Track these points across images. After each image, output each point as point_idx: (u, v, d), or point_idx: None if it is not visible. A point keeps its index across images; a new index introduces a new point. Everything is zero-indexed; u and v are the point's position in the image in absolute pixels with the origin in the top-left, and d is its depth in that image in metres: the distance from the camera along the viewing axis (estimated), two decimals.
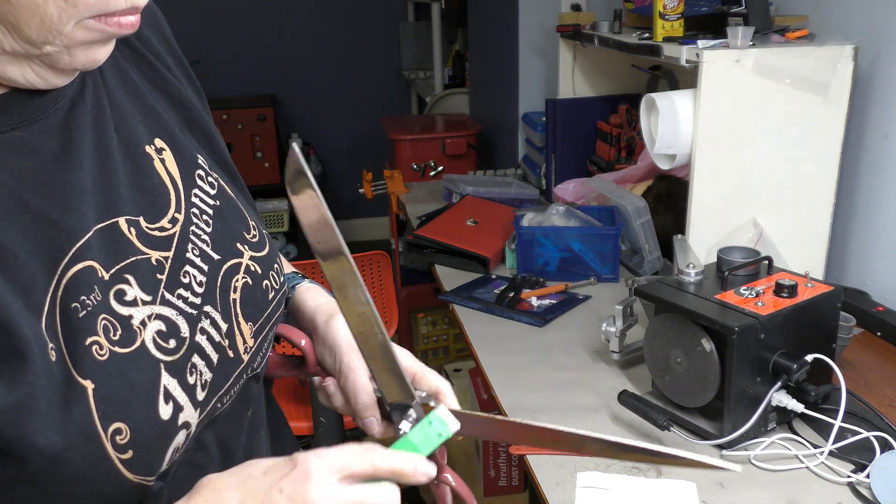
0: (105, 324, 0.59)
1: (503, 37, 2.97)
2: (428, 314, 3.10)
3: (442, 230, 2.07)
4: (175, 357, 0.63)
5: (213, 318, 0.68)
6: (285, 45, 4.54)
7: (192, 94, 0.78)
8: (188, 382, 0.63)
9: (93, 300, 0.58)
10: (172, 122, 0.73)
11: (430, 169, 3.27)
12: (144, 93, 0.71)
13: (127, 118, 0.67)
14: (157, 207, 0.67)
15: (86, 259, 0.59)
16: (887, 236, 1.56)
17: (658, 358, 1.22)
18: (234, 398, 0.72)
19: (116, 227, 0.63)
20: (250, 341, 0.72)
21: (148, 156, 0.68)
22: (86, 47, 0.58)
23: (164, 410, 0.61)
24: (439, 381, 0.73)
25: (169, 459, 0.62)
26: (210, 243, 0.70)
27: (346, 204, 4.86)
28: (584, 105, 2.36)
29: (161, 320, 0.63)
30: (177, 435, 0.62)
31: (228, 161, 0.80)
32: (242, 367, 0.71)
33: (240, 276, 0.72)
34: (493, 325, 1.65)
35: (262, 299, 0.74)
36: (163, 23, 0.78)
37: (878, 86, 1.54)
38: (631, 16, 1.98)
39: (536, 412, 1.29)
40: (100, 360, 0.57)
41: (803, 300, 1.15)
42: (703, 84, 1.44)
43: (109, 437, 0.57)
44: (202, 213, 0.71)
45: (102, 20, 0.56)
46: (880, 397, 1.27)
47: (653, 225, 1.82)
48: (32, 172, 0.58)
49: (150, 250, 0.64)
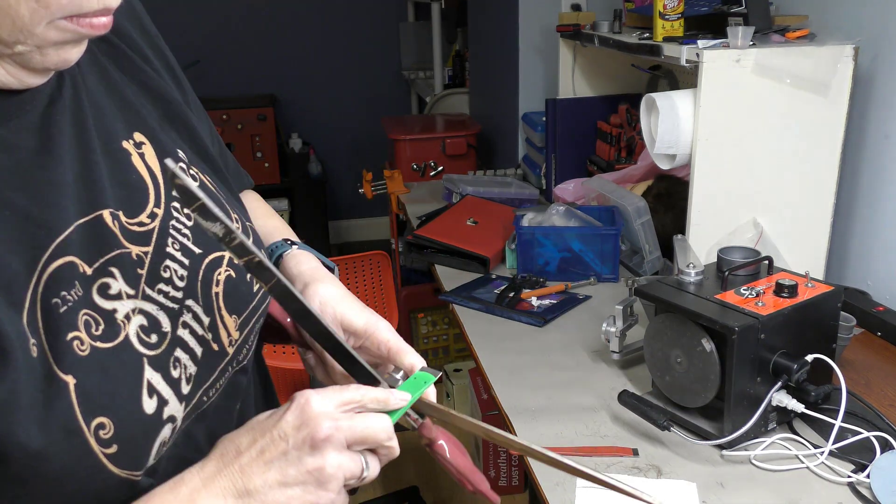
0: (87, 319, 0.59)
1: (503, 37, 2.97)
2: (428, 314, 3.10)
3: (442, 230, 2.07)
4: (157, 351, 0.63)
5: (195, 311, 0.68)
6: (285, 45, 4.54)
7: (172, 88, 0.78)
8: (172, 376, 0.64)
9: (73, 295, 0.59)
10: (152, 116, 0.73)
11: (430, 169, 3.27)
12: (122, 87, 0.71)
13: (104, 113, 0.67)
14: (135, 202, 0.67)
15: (66, 255, 0.59)
16: (887, 236, 1.56)
17: (658, 358, 1.22)
18: (222, 391, 0.72)
19: (101, 219, 0.63)
20: (235, 334, 0.72)
21: (125, 151, 0.68)
22: (58, 47, 0.58)
23: (148, 404, 0.61)
24: (414, 358, 0.75)
25: (156, 454, 0.62)
26: (191, 237, 0.70)
27: (346, 204, 4.86)
28: (584, 105, 2.36)
29: (143, 315, 0.63)
30: (162, 429, 0.62)
31: (211, 154, 0.80)
32: (228, 360, 0.72)
33: (222, 269, 0.72)
34: (493, 325, 1.65)
35: (246, 292, 0.74)
36: (142, 16, 0.77)
37: (879, 86, 1.54)
38: (631, 16, 1.98)
39: (536, 412, 1.29)
40: (81, 355, 0.58)
41: (803, 300, 1.15)
42: (703, 84, 1.44)
43: (93, 432, 0.57)
44: (183, 206, 0.71)
45: (75, 21, 0.56)
46: (880, 397, 1.27)
47: (653, 225, 1.82)
48: (11, 170, 0.58)
49: (130, 245, 0.65)
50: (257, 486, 0.60)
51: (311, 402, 0.61)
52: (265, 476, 0.60)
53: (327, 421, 0.61)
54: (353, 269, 2.26)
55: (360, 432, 0.62)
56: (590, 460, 1.14)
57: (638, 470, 1.12)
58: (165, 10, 4.23)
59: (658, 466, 1.13)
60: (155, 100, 0.74)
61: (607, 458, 1.15)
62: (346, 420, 0.62)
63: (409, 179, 3.12)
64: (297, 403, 0.62)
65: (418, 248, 2.07)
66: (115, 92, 0.70)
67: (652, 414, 1.16)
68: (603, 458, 1.15)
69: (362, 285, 2.27)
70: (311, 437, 0.60)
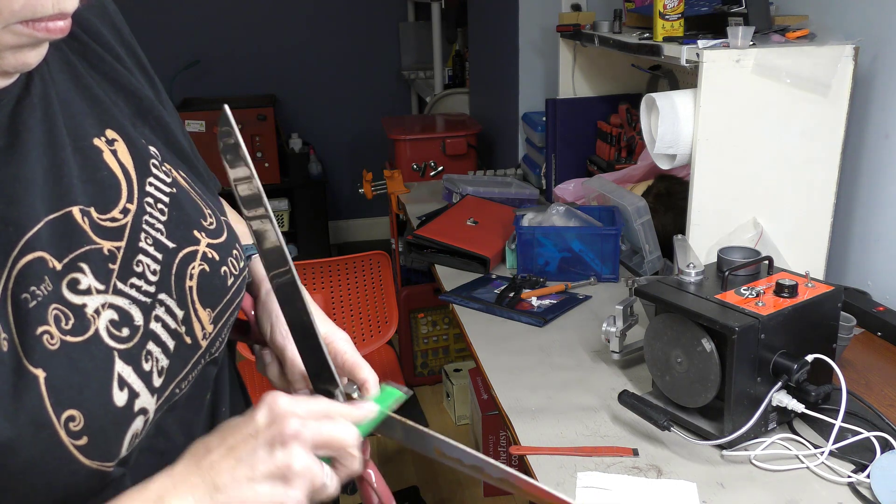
0: (56, 313, 0.60)
1: (503, 37, 2.97)
2: (428, 314, 3.10)
3: (442, 230, 2.07)
4: (129, 345, 0.64)
5: (168, 305, 0.69)
6: (285, 45, 4.54)
7: (144, 85, 0.78)
8: (143, 369, 0.65)
9: (43, 290, 0.59)
10: (123, 114, 0.73)
11: (430, 169, 3.27)
12: (93, 85, 0.71)
13: (74, 111, 0.68)
14: (107, 198, 0.67)
15: (35, 250, 0.60)
16: (888, 236, 1.56)
17: (658, 358, 1.22)
18: (193, 383, 0.73)
19: (70, 216, 0.63)
20: (209, 327, 0.73)
21: (96, 148, 0.68)
22: (14, 51, 0.58)
23: (118, 397, 0.62)
24: (370, 374, 0.75)
25: (128, 445, 0.63)
26: (164, 232, 0.71)
27: (346, 204, 4.86)
28: (585, 105, 2.36)
29: (114, 309, 0.64)
30: (134, 421, 0.63)
31: (185, 150, 0.80)
32: (201, 353, 0.73)
33: (196, 263, 0.73)
34: (493, 325, 1.65)
35: (220, 285, 0.75)
36: (114, 13, 0.78)
37: (879, 85, 1.54)
38: (631, 16, 1.98)
39: (536, 412, 1.29)
40: (51, 349, 0.58)
41: (804, 300, 1.15)
42: (703, 84, 1.44)
43: (63, 424, 0.58)
44: (157, 201, 0.72)
45: (30, 25, 0.57)
46: (881, 397, 1.27)
47: (653, 225, 1.82)
48: None
49: (102, 240, 0.65)
50: (226, 482, 0.60)
51: (280, 402, 0.62)
52: (234, 472, 0.60)
53: (295, 419, 0.61)
54: (352, 269, 2.26)
55: (326, 434, 0.63)
56: (590, 460, 1.14)
57: (638, 470, 1.12)
58: (165, 10, 4.23)
59: (658, 466, 1.13)
60: (127, 97, 0.75)
61: (607, 458, 1.15)
62: (314, 421, 0.62)
63: (409, 179, 3.12)
64: (267, 402, 0.62)
65: (418, 248, 2.07)
66: (86, 89, 0.71)
67: (652, 414, 1.16)
68: (603, 458, 1.15)
69: (362, 285, 2.27)
70: (279, 433, 0.61)
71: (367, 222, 4.92)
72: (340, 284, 2.24)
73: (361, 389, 0.74)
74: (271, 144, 4.21)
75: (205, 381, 0.76)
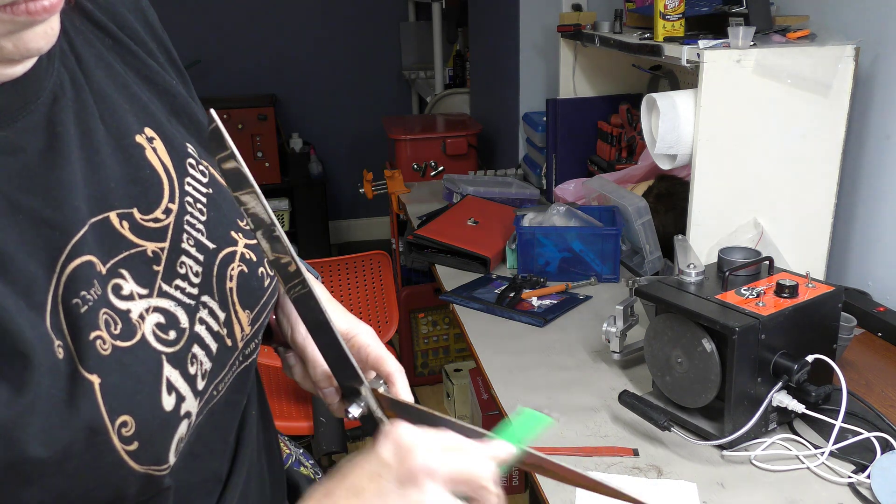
0: (106, 318, 0.59)
1: (504, 37, 2.97)
2: (428, 314, 3.10)
3: (442, 230, 2.07)
4: (176, 348, 0.63)
5: (211, 307, 0.68)
6: (285, 45, 4.53)
7: (177, 82, 0.77)
8: (189, 373, 0.64)
9: (93, 294, 0.58)
10: (159, 111, 0.72)
11: (430, 169, 3.26)
12: (129, 83, 0.70)
13: (115, 109, 0.67)
14: (150, 198, 0.66)
15: (83, 254, 0.59)
16: (888, 237, 1.56)
17: (658, 358, 1.22)
18: (230, 386, 0.72)
19: (108, 222, 0.62)
20: (247, 329, 0.72)
21: (139, 146, 0.67)
22: (9, 36, 0.56)
23: (167, 401, 0.61)
24: (394, 366, 0.74)
25: (175, 449, 0.62)
26: (205, 232, 0.70)
27: (347, 204, 4.86)
28: (585, 105, 2.36)
29: (160, 312, 0.63)
30: (180, 425, 0.62)
31: None
32: (237, 355, 0.72)
33: (235, 264, 0.72)
34: (493, 325, 1.65)
35: (257, 286, 0.74)
36: (146, 7, 0.76)
37: (880, 86, 1.54)
38: (632, 16, 1.98)
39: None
40: (103, 354, 0.57)
41: (804, 300, 1.15)
42: (703, 84, 1.44)
43: (116, 430, 0.57)
44: (196, 201, 0.70)
45: (8, 10, 0.54)
46: (881, 398, 1.27)
47: (653, 225, 1.82)
48: (20, 172, 0.57)
49: (145, 242, 0.64)
50: None
51: (405, 434, 0.57)
52: None
53: (426, 453, 0.57)
54: (353, 269, 2.26)
55: (461, 469, 0.57)
56: (590, 460, 1.14)
57: (638, 470, 1.12)
58: (165, 10, 4.18)
59: (658, 466, 1.13)
60: (161, 94, 0.74)
61: (608, 458, 1.15)
62: (446, 455, 0.58)
63: (410, 179, 3.12)
64: (391, 436, 0.58)
65: (419, 248, 2.07)
66: (123, 86, 0.69)
67: (652, 414, 1.16)
68: (603, 458, 1.15)
69: (362, 285, 2.27)
70: (409, 469, 0.56)
71: (367, 222, 4.92)
72: (341, 284, 2.24)
73: (387, 382, 0.72)
74: (272, 144, 4.21)
75: (241, 385, 0.75)
